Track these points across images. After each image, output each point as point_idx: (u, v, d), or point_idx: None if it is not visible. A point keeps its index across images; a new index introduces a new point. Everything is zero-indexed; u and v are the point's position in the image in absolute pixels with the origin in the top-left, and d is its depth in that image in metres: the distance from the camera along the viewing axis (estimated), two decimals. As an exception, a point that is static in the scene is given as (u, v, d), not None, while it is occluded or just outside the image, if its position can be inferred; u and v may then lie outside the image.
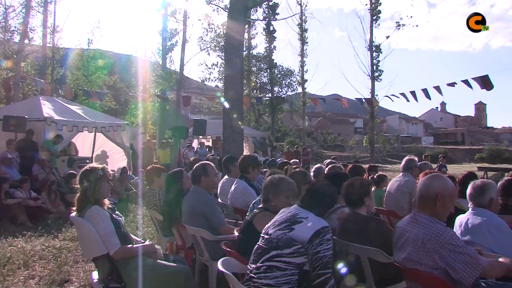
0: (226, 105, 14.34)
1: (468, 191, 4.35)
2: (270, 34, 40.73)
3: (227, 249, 4.17)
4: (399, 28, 33.98)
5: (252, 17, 37.32)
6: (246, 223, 4.43)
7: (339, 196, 4.90)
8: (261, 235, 3.68)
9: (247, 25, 38.51)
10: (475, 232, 4.07)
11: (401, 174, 7.42)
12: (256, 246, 3.63)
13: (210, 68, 44.15)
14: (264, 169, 9.25)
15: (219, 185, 7.53)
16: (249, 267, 3.56)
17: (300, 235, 3.37)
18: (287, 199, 4.28)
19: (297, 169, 6.26)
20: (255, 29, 42.19)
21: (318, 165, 9.01)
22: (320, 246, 3.30)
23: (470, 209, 4.26)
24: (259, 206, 4.51)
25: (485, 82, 20.42)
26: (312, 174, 8.62)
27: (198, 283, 5.51)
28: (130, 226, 9.39)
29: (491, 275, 3.41)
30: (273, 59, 42.59)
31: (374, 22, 34.06)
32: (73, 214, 4.42)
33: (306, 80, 41.05)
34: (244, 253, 3.95)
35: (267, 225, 3.70)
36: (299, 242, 3.34)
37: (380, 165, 36.54)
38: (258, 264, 3.46)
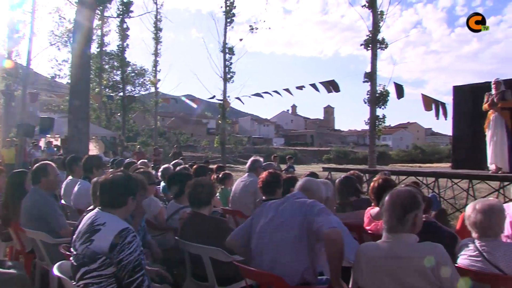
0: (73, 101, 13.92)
1: (307, 190, 4.50)
2: (123, 31, 39.89)
3: (66, 252, 4.05)
4: (252, 31, 34.62)
5: (105, 13, 36.43)
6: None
7: (183, 196, 4.93)
8: (71, 249, 3.47)
9: (100, 21, 37.59)
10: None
11: (246, 174, 7.55)
12: (71, 262, 3.41)
13: (60, 64, 42.55)
14: (111, 169, 9.07)
15: (63, 185, 7.27)
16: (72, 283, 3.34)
17: (100, 246, 3.15)
18: None
19: (141, 169, 6.22)
20: (108, 26, 41.22)
21: (166, 165, 8.98)
22: (121, 253, 3.11)
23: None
24: (88, 209, 4.33)
25: (333, 86, 21.47)
26: (159, 174, 8.59)
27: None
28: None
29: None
30: (126, 58, 41.79)
31: (228, 24, 34.42)
32: None
33: (159, 80, 40.76)
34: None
35: (74, 237, 3.46)
36: (102, 254, 3.13)
37: (232, 165, 37.09)
38: (75, 283, 3.26)
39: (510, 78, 13.11)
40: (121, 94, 42.03)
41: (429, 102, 19.23)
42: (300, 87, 23.41)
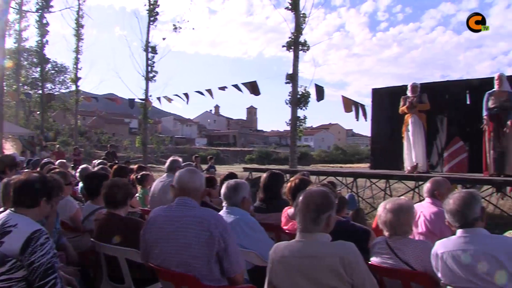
0: None
1: (222, 190, 4.48)
2: (43, 27, 38.63)
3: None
4: (176, 30, 34.24)
5: (24, 7, 35.34)
6: None
7: (99, 197, 4.84)
8: None
9: (18, 15, 36.41)
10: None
11: (165, 174, 7.47)
12: None
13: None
14: (26, 170, 8.82)
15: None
16: None
17: (10, 248, 3.02)
18: None
19: (57, 170, 6.09)
20: (27, 20, 39.81)
21: (84, 165, 8.80)
22: (33, 256, 3.00)
23: (224, 208, 4.44)
24: None
25: (254, 88, 21.58)
26: (77, 175, 8.41)
27: None
28: None
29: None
30: (45, 54, 40.56)
31: (151, 23, 33.93)
32: None
33: (79, 78, 39.76)
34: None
35: None
36: (12, 256, 3.00)
37: (154, 165, 36.71)
38: None
39: (426, 82, 13.67)
40: (40, 91, 40.81)
41: (349, 104, 19.59)
42: (222, 88, 23.45)
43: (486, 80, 11.57)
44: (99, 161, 11.48)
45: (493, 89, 10.08)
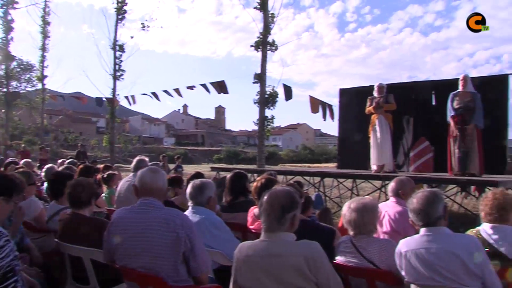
0: None
1: (188, 190, 4.48)
2: (8, 23, 37.96)
3: None
4: (144, 29, 33.95)
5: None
6: None
7: (63, 197, 4.79)
8: None
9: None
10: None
11: (131, 174, 7.40)
12: None
13: None
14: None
15: None
16: None
17: None
18: None
19: (21, 169, 6.02)
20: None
21: (49, 165, 8.71)
22: None
23: (190, 207, 4.43)
24: None
25: (222, 87, 21.54)
26: (43, 174, 8.32)
27: None
28: None
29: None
30: (10, 51, 39.85)
31: (119, 21, 33.60)
32: None
33: (46, 76, 39.27)
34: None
35: None
36: None
37: (122, 165, 36.42)
38: None
39: (393, 83, 13.82)
40: (5, 90, 40.14)
41: (316, 104, 19.65)
42: (190, 87, 23.39)
43: (451, 81, 11.70)
44: (69, 160, 11.36)
45: (458, 90, 10.25)
